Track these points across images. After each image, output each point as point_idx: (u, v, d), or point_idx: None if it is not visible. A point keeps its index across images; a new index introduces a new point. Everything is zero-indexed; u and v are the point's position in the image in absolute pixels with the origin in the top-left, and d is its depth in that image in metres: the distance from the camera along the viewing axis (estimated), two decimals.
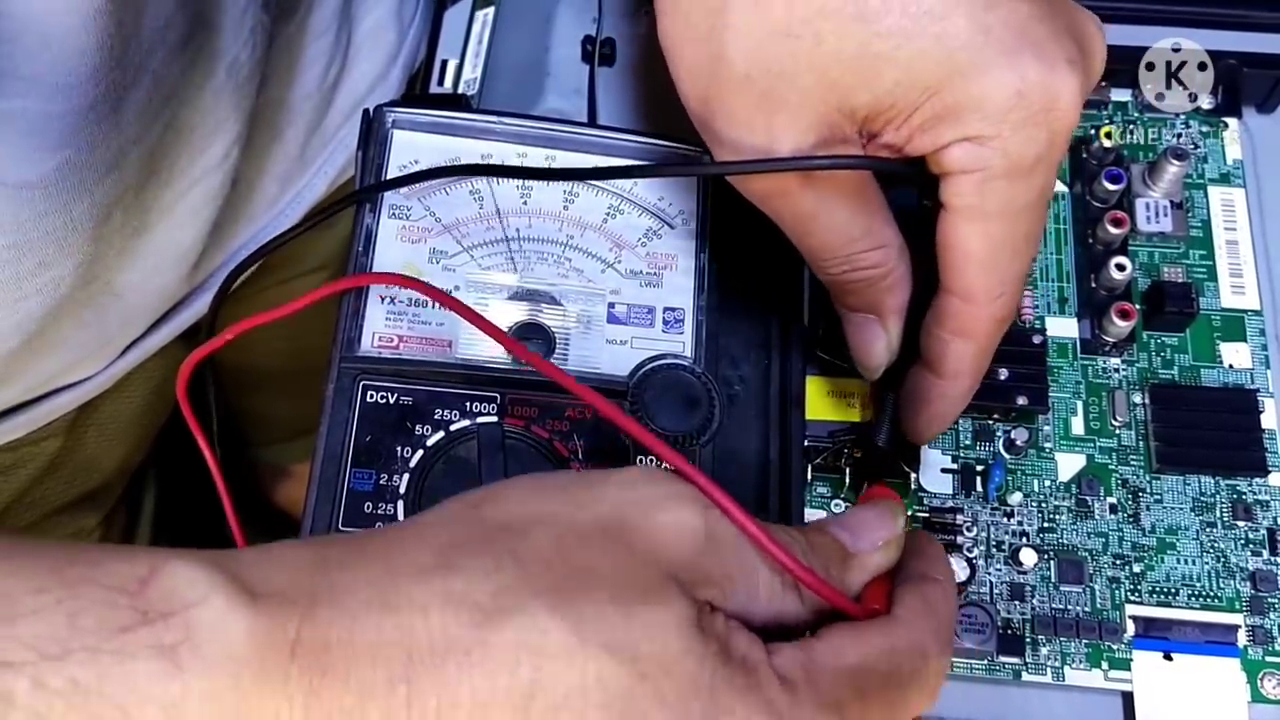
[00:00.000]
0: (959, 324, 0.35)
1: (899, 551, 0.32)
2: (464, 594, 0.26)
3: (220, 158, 0.46)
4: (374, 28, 0.54)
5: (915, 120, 0.33)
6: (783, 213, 0.36)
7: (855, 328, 0.38)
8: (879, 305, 0.37)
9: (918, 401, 0.38)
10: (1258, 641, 0.42)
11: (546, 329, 0.40)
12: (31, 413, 0.48)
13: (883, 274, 0.36)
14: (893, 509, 0.32)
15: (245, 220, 0.52)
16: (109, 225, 0.41)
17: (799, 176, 0.34)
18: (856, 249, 0.36)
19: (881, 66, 0.32)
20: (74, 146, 0.37)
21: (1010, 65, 0.32)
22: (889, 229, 0.36)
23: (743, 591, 0.29)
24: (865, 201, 0.35)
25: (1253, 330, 0.47)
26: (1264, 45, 0.52)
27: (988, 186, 0.33)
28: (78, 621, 0.25)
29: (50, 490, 0.54)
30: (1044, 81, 0.32)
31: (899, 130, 0.34)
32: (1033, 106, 0.32)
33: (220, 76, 0.44)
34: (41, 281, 0.40)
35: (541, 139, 0.43)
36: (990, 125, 0.32)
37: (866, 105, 0.33)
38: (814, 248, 0.36)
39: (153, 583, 0.25)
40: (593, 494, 0.29)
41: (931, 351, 0.37)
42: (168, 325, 0.50)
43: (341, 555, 0.27)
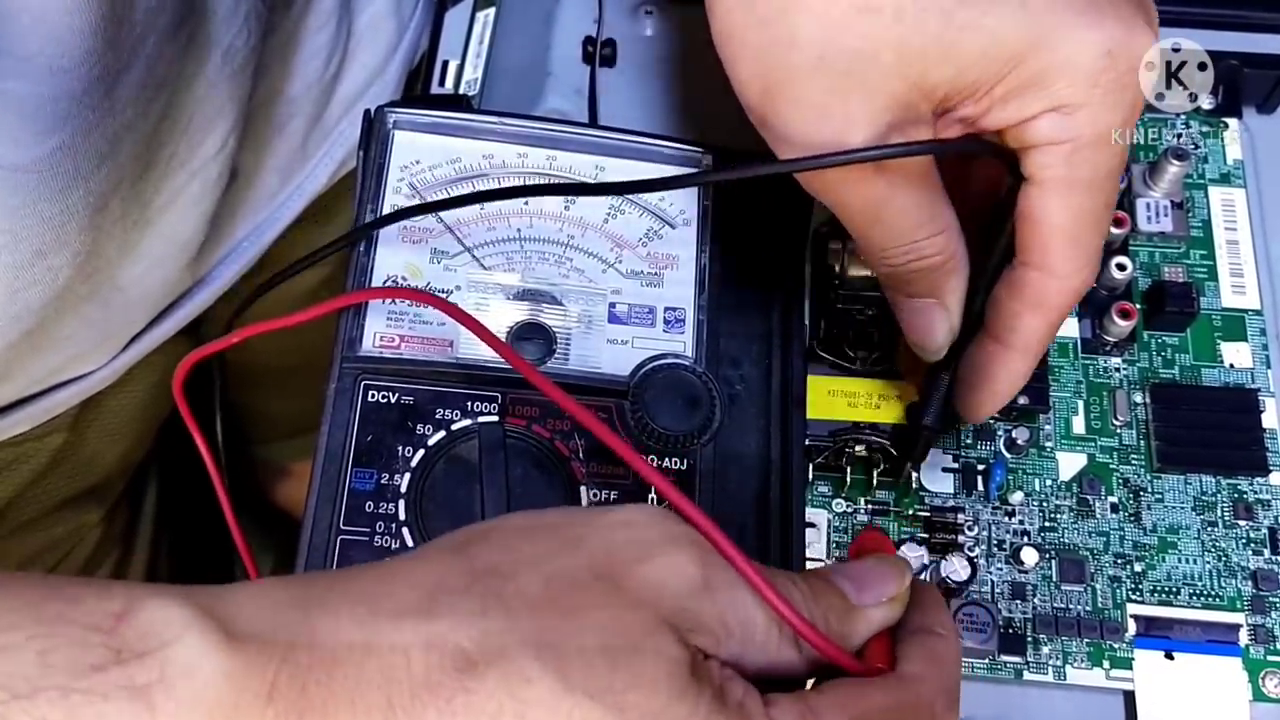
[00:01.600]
0: (1038, 297, 0.35)
1: (903, 608, 0.31)
2: (447, 638, 0.25)
3: (217, 148, 0.46)
4: (373, 20, 0.54)
5: (998, 92, 0.32)
6: (851, 202, 0.34)
7: (915, 313, 0.37)
8: (941, 288, 0.36)
9: (981, 376, 0.37)
10: (1259, 640, 0.42)
11: (548, 329, 0.41)
12: (34, 407, 0.48)
13: (946, 257, 0.35)
14: (899, 564, 0.32)
15: (246, 213, 0.52)
16: (107, 215, 0.41)
17: (871, 165, 0.33)
18: (922, 234, 0.35)
19: (966, 38, 0.31)
20: (68, 131, 0.37)
21: (1096, 26, 0.31)
22: (949, 211, 0.35)
23: (738, 639, 0.28)
24: (930, 185, 0.34)
25: (1253, 330, 0.47)
26: (1264, 45, 0.52)
27: (1077, 157, 0.32)
28: (48, 659, 0.24)
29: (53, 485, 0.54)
30: (1129, 40, 0.31)
31: (979, 103, 0.32)
32: (1120, 68, 0.31)
33: (215, 64, 0.44)
34: (39, 271, 0.40)
35: (542, 139, 0.43)
36: (1081, 91, 0.31)
37: (947, 80, 0.32)
38: (880, 237, 0.35)
39: (128, 620, 0.25)
40: (586, 534, 0.28)
41: (1002, 325, 0.36)
42: (170, 319, 0.50)
43: (324, 594, 0.27)
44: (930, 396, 0.40)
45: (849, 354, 0.44)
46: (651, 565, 0.28)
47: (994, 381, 0.37)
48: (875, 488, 0.44)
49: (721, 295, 0.42)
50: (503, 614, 0.26)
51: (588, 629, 0.26)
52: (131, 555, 0.65)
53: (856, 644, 0.30)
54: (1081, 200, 0.33)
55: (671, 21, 0.54)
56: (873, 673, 0.30)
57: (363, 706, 0.25)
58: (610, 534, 0.28)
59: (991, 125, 0.33)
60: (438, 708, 0.25)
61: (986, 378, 0.37)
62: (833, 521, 0.44)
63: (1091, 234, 0.34)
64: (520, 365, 0.33)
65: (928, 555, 0.43)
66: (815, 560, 0.43)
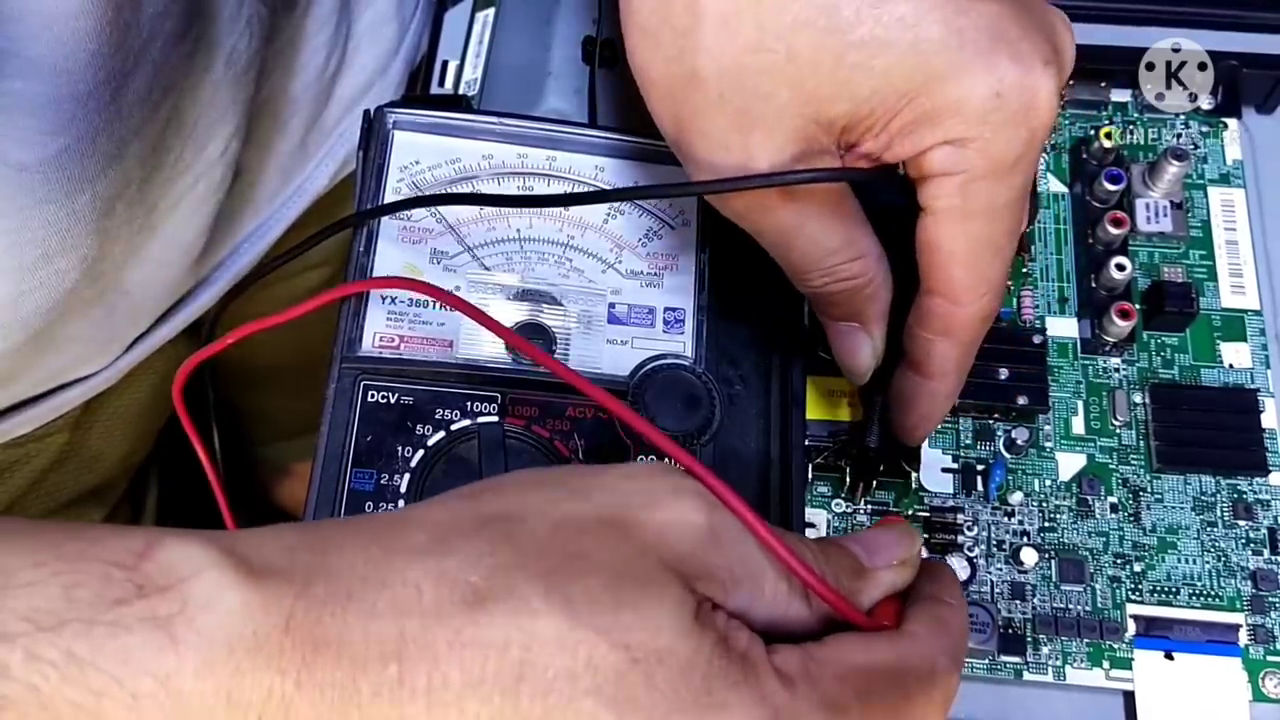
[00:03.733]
0: (943, 324, 0.35)
1: (913, 573, 0.32)
2: (457, 574, 0.26)
3: (221, 150, 0.46)
4: (374, 21, 0.54)
5: (894, 126, 0.33)
6: (763, 228, 0.36)
7: (840, 336, 0.38)
8: (862, 313, 0.37)
9: (905, 403, 0.38)
10: (1259, 640, 0.42)
11: (547, 329, 0.41)
12: (38, 408, 0.48)
13: (864, 283, 0.36)
14: (910, 532, 0.32)
15: (249, 213, 0.52)
16: (113, 219, 0.41)
17: (779, 191, 0.34)
18: (837, 260, 0.36)
19: (858, 77, 0.32)
20: (74, 133, 0.38)
21: (987, 67, 0.32)
22: (867, 238, 0.36)
23: (746, 591, 0.28)
24: (844, 212, 0.35)
25: (1253, 330, 0.47)
26: (1264, 45, 0.52)
27: (970, 188, 0.33)
28: (73, 594, 0.25)
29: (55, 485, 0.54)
30: (1021, 81, 0.32)
31: (878, 138, 0.33)
32: (1012, 106, 0.32)
33: (219, 68, 0.44)
34: (45, 274, 0.40)
35: (542, 140, 0.43)
36: (971, 127, 0.32)
37: (844, 115, 0.33)
38: (795, 261, 0.36)
39: (149, 557, 0.26)
40: (594, 485, 0.29)
41: (916, 353, 0.37)
42: (173, 320, 0.50)
43: (339, 536, 0.28)
44: (868, 419, 0.40)
45: None
46: (659, 512, 0.28)
47: (918, 407, 0.38)
48: (875, 488, 0.44)
49: (721, 295, 0.42)
50: (511, 552, 0.27)
51: (595, 569, 0.27)
52: None
53: (865, 605, 0.31)
54: (978, 229, 0.34)
55: None
56: (879, 629, 0.30)
57: (375, 636, 0.25)
58: (617, 484, 0.29)
59: (893, 158, 0.34)
60: (447, 638, 0.25)
61: (911, 404, 0.38)
62: (832, 521, 0.44)
63: (990, 261, 0.34)
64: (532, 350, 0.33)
65: (927, 555, 0.43)
66: None
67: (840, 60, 0.32)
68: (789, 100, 0.33)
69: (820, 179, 0.34)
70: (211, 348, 0.36)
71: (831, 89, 0.32)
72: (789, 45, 0.32)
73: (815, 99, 0.33)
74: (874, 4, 0.31)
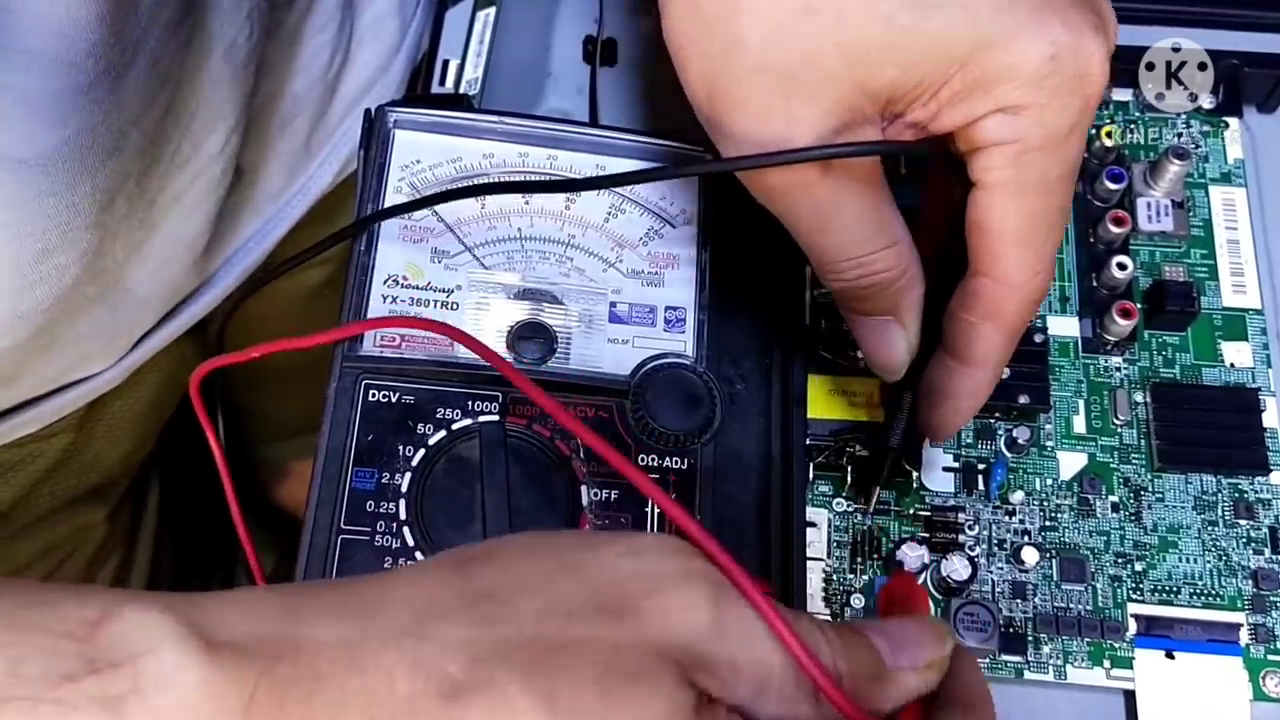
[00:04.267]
0: (991, 307, 0.34)
1: (940, 677, 0.29)
2: (435, 663, 0.24)
3: (220, 145, 0.46)
4: (376, 19, 0.54)
5: (944, 95, 0.32)
6: (799, 208, 0.34)
7: (872, 331, 0.37)
8: (897, 305, 0.36)
9: (940, 394, 0.37)
10: (1260, 640, 0.42)
11: (548, 328, 0.41)
12: (41, 409, 0.48)
13: (899, 273, 0.35)
14: (942, 629, 0.30)
15: (251, 213, 0.52)
16: (112, 213, 0.41)
17: (818, 167, 0.33)
18: (872, 248, 0.34)
19: (908, 40, 0.31)
20: (73, 126, 0.38)
21: (1041, 31, 0.31)
22: (899, 224, 0.35)
23: (749, 684, 0.26)
24: (879, 194, 0.34)
25: (1254, 329, 0.47)
26: (1264, 45, 0.52)
27: (1025, 158, 0.32)
28: (19, 669, 0.23)
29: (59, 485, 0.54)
30: (1076, 46, 0.31)
31: (926, 106, 0.32)
32: (1066, 72, 0.31)
33: (217, 60, 0.44)
34: (45, 269, 0.40)
35: (543, 139, 0.43)
36: (1026, 93, 0.31)
37: (892, 83, 0.32)
38: (829, 248, 0.35)
39: (103, 627, 0.24)
40: (590, 560, 0.27)
41: (958, 338, 0.35)
42: (177, 319, 0.50)
43: (311, 606, 0.26)
44: (893, 417, 0.40)
45: (849, 354, 0.44)
46: (659, 601, 0.26)
47: (954, 398, 0.36)
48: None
49: (722, 294, 0.42)
50: (494, 640, 0.25)
51: (582, 659, 0.25)
52: (134, 554, 0.65)
53: (884, 710, 0.28)
54: (1032, 203, 0.33)
55: None
56: None
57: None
58: (617, 563, 0.27)
59: (940, 129, 0.33)
60: None
61: (946, 395, 0.36)
62: (833, 521, 0.44)
63: (1044, 239, 0.33)
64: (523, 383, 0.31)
65: (928, 555, 0.43)
66: (815, 560, 0.43)
67: (891, 22, 0.31)
68: (836, 65, 0.31)
69: (867, 152, 0.33)
70: (235, 356, 0.36)
71: (881, 53, 0.31)
72: (838, 7, 0.31)
73: (863, 64, 0.31)
74: None
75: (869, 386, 0.43)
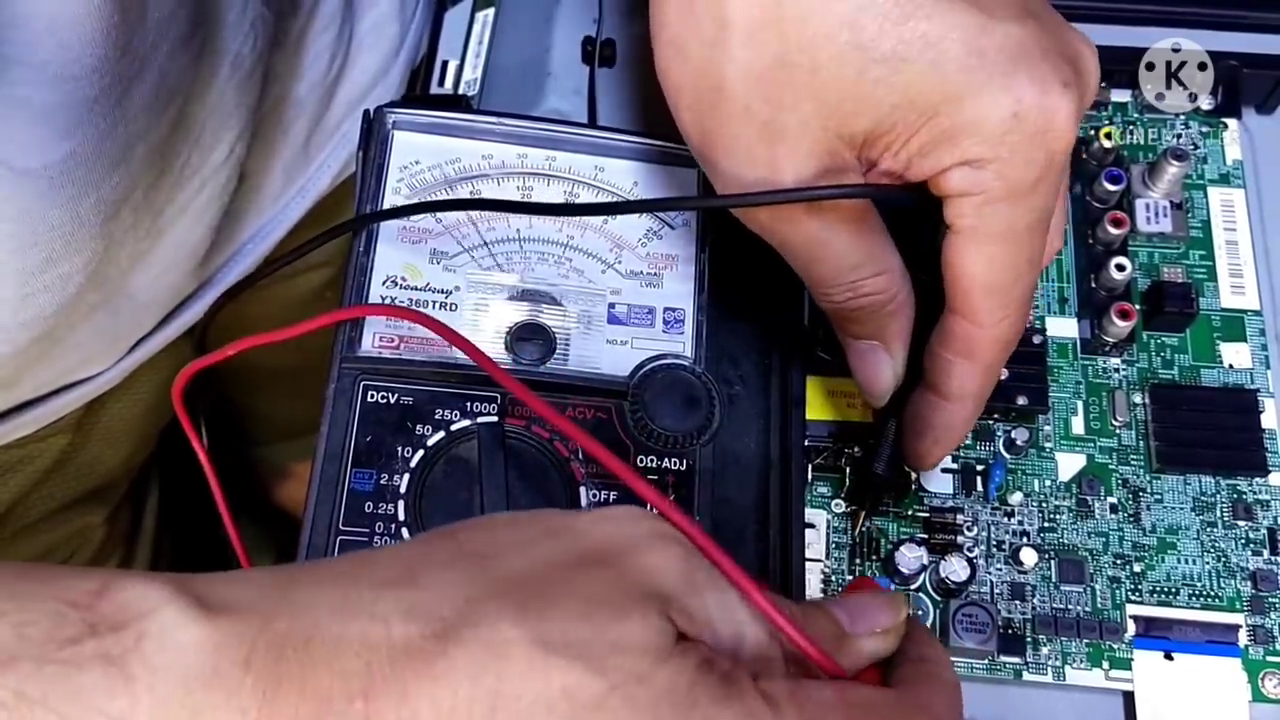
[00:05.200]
0: (963, 345, 0.35)
1: (897, 642, 0.31)
2: (428, 606, 0.25)
3: (226, 154, 0.46)
4: (376, 23, 0.54)
5: (914, 145, 0.33)
6: (788, 241, 0.36)
7: (860, 355, 0.38)
8: (883, 331, 0.37)
9: (920, 425, 0.38)
10: (1258, 641, 0.42)
11: (547, 329, 0.41)
12: (39, 410, 0.48)
13: (886, 299, 0.36)
14: (896, 599, 0.32)
15: (252, 215, 0.52)
16: (118, 223, 0.41)
17: (804, 206, 0.34)
18: (860, 275, 0.36)
19: (879, 92, 0.32)
20: (79, 138, 0.38)
21: (1006, 88, 0.32)
22: (891, 254, 0.36)
23: (727, 641, 0.28)
24: (868, 228, 0.36)
25: (1252, 330, 0.47)
26: (1264, 45, 0.52)
27: (988, 209, 0.33)
28: (25, 632, 0.24)
29: (57, 487, 0.54)
30: (1040, 103, 0.32)
31: (897, 155, 0.34)
32: (1029, 129, 0.32)
33: (225, 72, 0.44)
34: (50, 278, 0.40)
35: (542, 140, 0.43)
36: (988, 148, 0.32)
37: (865, 131, 0.33)
38: (818, 275, 0.36)
39: (105, 595, 0.25)
40: (572, 525, 0.29)
41: (935, 373, 0.36)
42: (175, 322, 0.50)
43: (304, 574, 0.27)
44: (879, 444, 0.40)
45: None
46: (639, 556, 0.28)
47: (933, 430, 0.37)
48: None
49: (721, 295, 0.42)
50: (485, 584, 0.26)
51: (570, 596, 0.26)
52: (133, 557, 0.65)
53: (846, 671, 0.30)
54: (997, 252, 0.34)
55: None
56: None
57: (340, 672, 0.24)
58: (594, 527, 0.29)
59: (913, 177, 0.34)
60: (416, 672, 0.25)
61: (927, 427, 0.38)
62: (832, 521, 0.44)
63: (1011, 285, 0.34)
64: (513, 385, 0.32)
65: (927, 555, 0.43)
66: (814, 561, 0.43)
67: (863, 75, 0.32)
68: (813, 113, 0.33)
69: (846, 194, 0.34)
70: (212, 356, 0.36)
71: (854, 103, 0.33)
72: (813, 59, 0.32)
73: (839, 113, 0.33)
74: (896, 20, 0.32)
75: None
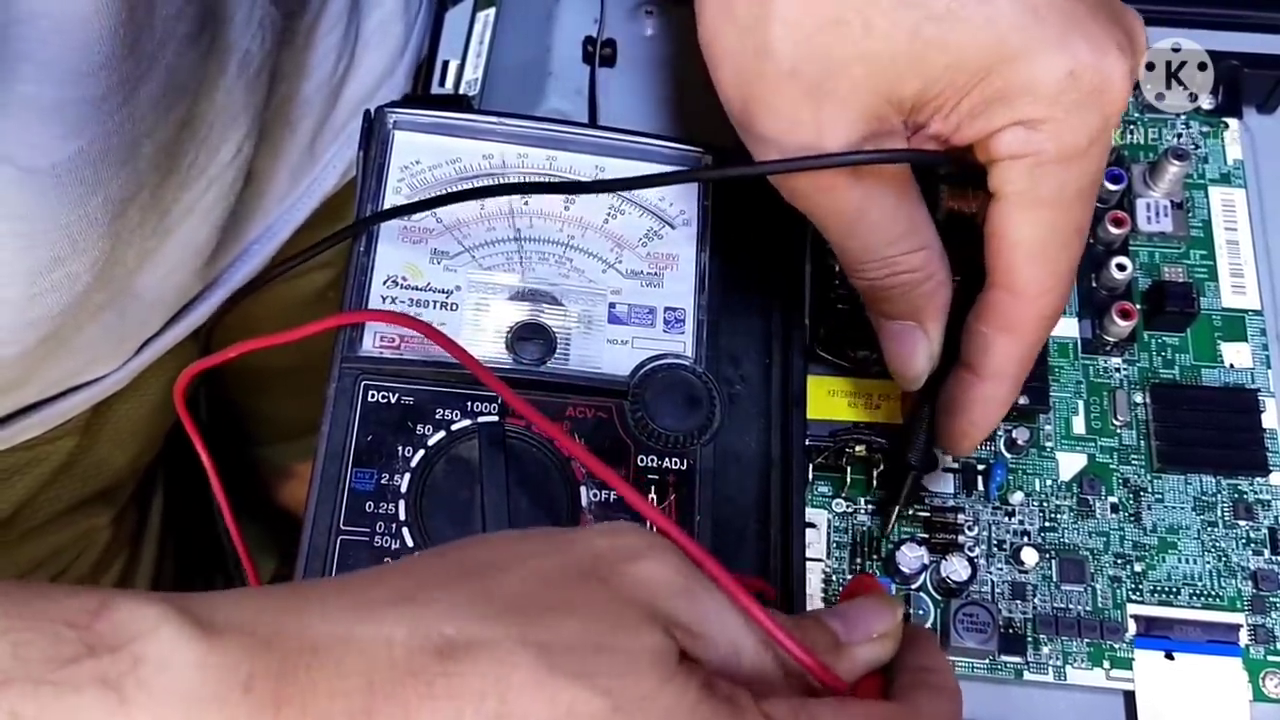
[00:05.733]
0: (1005, 319, 0.35)
1: (895, 646, 0.31)
2: (431, 625, 0.25)
3: (233, 154, 0.46)
4: (381, 22, 0.54)
5: (964, 106, 0.33)
6: (827, 210, 0.35)
7: (894, 336, 0.37)
8: (920, 311, 0.36)
9: (956, 407, 0.37)
10: (1259, 641, 0.42)
11: (548, 329, 0.41)
12: (47, 412, 0.48)
13: (924, 276, 0.35)
14: (891, 601, 0.31)
15: (258, 215, 0.52)
16: (125, 222, 0.42)
17: (846, 172, 0.33)
18: (898, 250, 0.35)
19: (931, 52, 0.32)
20: (87, 137, 0.38)
21: (1062, 47, 0.31)
22: (929, 229, 0.35)
23: (725, 653, 0.28)
24: (908, 200, 0.35)
25: (1253, 330, 0.47)
26: (1264, 45, 0.52)
27: (1040, 171, 0.32)
28: (21, 652, 0.24)
29: (64, 489, 0.54)
30: (1096, 63, 0.31)
31: (947, 118, 0.33)
32: (1085, 88, 0.31)
33: (232, 71, 0.44)
34: (57, 277, 0.40)
35: (542, 140, 0.43)
36: (1043, 108, 0.32)
37: (915, 93, 0.32)
38: (855, 249, 0.35)
39: (103, 616, 0.25)
40: (573, 540, 0.29)
41: (974, 350, 0.36)
42: (182, 323, 0.50)
43: (306, 591, 0.27)
44: (913, 433, 0.40)
45: (849, 354, 0.44)
46: (637, 566, 0.28)
47: (970, 412, 0.37)
48: (875, 488, 0.44)
49: (721, 295, 0.42)
50: (488, 604, 0.26)
51: (573, 618, 0.26)
52: (139, 558, 0.65)
53: (846, 680, 0.30)
54: (1047, 217, 0.33)
55: (671, 21, 0.54)
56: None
57: (342, 693, 0.24)
58: (594, 540, 0.29)
59: (962, 141, 0.33)
60: (419, 692, 0.24)
61: (962, 408, 0.37)
62: (833, 521, 0.44)
63: (1059, 254, 0.34)
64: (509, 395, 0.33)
65: (928, 555, 0.43)
66: (815, 560, 0.43)
67: (915, 34, 0.32)
68: (863, 75, 0.32)
69: (892, 159, 0.33)
70: (214, 358, 0.36)
71: (905, 64, 0.32)
72: (865, 18, 0.32)
73: (889, 74, 0.32)
74: None
75: (868, 388, 0.43)
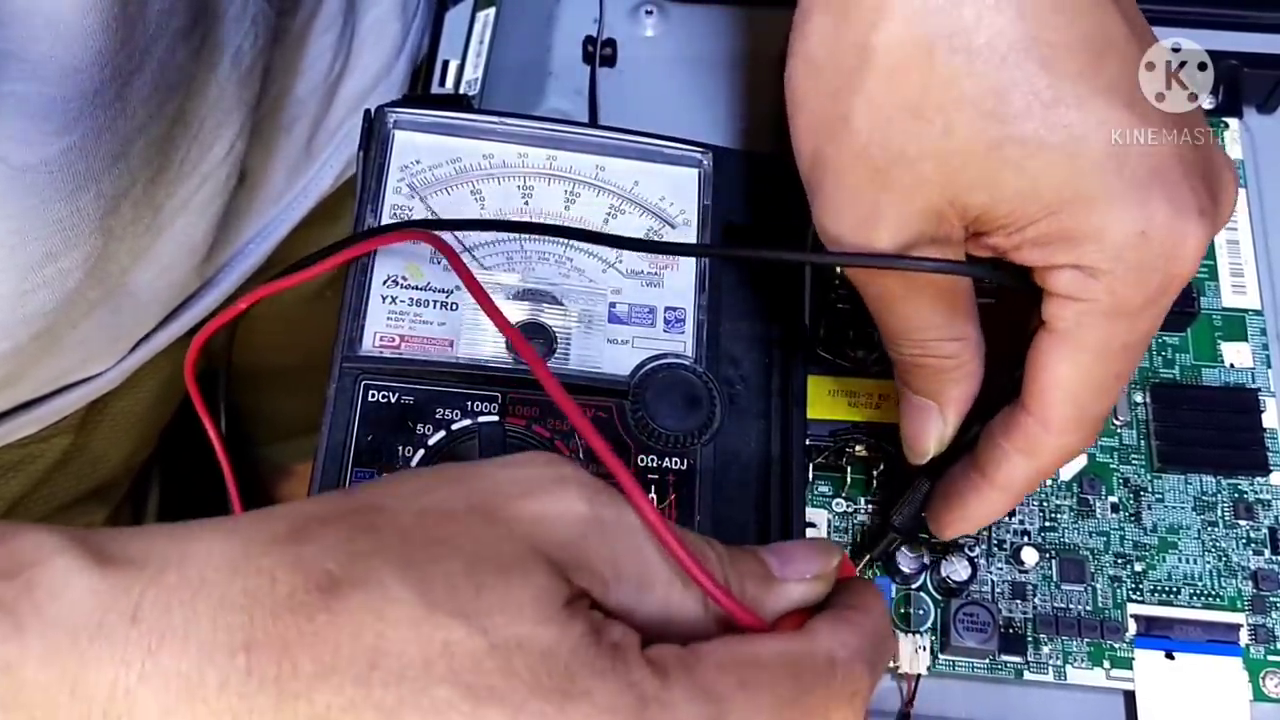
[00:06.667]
0: (1026, 443, 0.34)
1: (826, 589, 0.30)
2: (313, 561, 0.26)
3: (226, 151, 0.46)
4: (378, 21, 0.54)
5: (1030, 233, 0.31)
6: (870, 290, 0.35)
7: (912, 410, 0.37)
8: (942, 393, 0.36)
9: (956, 500, 0.37)
10: (1259, 640, 0.42)
11: (548, 329, 0.41)
12: (42, 410, 0.48)
13: (955, 365, 0.35)
14: (830, 547, 0.31)
15: (254, 214, 0.52)
16: (118, 218, 0.42)
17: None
18: (934, 336, 0.34)
19: (1007, 172, 0.31)
20: (79, 132, 0.38)
21: (1140, 203, 0.30)
22: (970, 325, 0.35)
23: (631, 588, 0.27)
24: (952, 296, 0.34)
25: (1254, 329, 0.47)
26: (1264, 45, 0.52)
27: (1088, 319, 0.32)
28: None
29: (60, 486, 0.54)
30: (1171, 226, 0.30)
31: (1010, 238, 0.32)
32: (1154, 250, 0.30)
33: (225, 67, 0.44)
34: (49, 273, 0.40)
35: (543, 139, 0.43)
36: (1106, 260, 0.31)
37: (982, 206, 0.32)
38: (890, 326, 0.35)
39: (3, 543, 0.25)
40: (469, 474, 0.29)
41: (988, 460, 0.35)
42: (177, 321, 0.50)
43: (201, 529, 0.27)
44: (905, 498, 0.40)
45: (849, 354, 0.44)
46: (534, 501, 0.27)
47: (967, 508, 0.36)
48: (875, 488, 0.44)
49: (722, 295, 0.42)
50: (372, 540, 0.26)
51: (456, 553, 0.26)
52: None
53: (769, 616, 0.29)
54: (1087, 362, 0.32)
55: (672, 22, 0.55)
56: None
57: (224, 626, 0.25)
58: (493, 472, 0.28)
59: (1021, 260, 0.33)
60: (299, 626, 0.25)
61: (962, 502, 0.36)
62: (833, 521, 0.44)
63: (1093, 399, 0.33)
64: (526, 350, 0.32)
65: (928, 555, 0.43)
66: None
67: (994, 150, 0.31)
68: (931, 174, 0.31)
69: (946, 270, 0.33)
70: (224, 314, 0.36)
71: (977, 175, 0.31)
72: (948, 119, 0.31)
73: (957, 182, 0.31)
74: (1046, 104, 0.30)
75: (868, 387, 0.43)
